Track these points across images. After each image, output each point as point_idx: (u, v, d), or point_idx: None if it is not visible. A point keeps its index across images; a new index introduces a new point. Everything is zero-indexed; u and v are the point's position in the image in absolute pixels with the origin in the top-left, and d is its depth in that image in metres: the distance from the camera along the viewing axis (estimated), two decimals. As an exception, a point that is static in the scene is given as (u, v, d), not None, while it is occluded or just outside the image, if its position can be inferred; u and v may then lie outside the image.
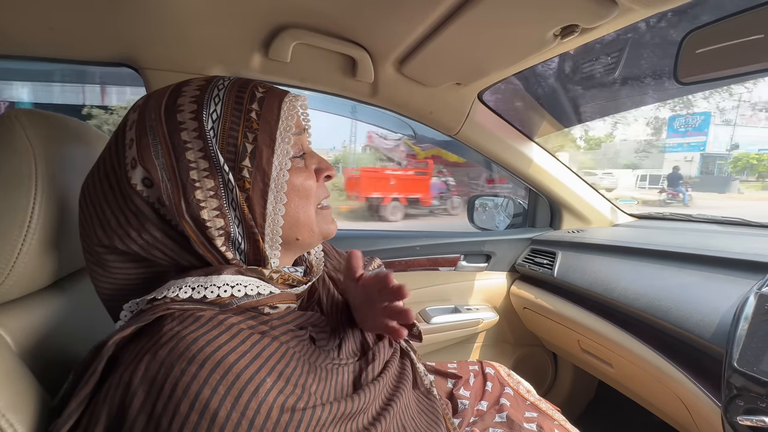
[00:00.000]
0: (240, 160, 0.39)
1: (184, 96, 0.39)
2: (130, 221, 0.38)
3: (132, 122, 0.39)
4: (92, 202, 0.40)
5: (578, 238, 1.19)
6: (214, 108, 0.39)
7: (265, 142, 0.39)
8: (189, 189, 0.37)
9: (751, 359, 0.57)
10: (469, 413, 0.71)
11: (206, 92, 0.39)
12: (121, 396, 0.31)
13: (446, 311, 1.22)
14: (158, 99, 0.40)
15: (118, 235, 0.38)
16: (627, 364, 0.90)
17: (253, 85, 0.42)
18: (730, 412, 0.58)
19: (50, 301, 0.47)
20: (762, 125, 18.64)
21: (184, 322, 0.34)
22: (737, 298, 0.68)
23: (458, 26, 0.67)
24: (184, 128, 0.38)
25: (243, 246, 0.40)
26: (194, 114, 0.38)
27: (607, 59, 1.37)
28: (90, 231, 0.40)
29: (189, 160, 0.38)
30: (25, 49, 0.76)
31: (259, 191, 0.39)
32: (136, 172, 0.38)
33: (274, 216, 0.41)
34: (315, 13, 0.77)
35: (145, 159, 0.37)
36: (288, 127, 0.41)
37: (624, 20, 0.61)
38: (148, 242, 0.39)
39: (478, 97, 1.07)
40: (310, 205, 0.44)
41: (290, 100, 0.42)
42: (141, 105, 0.40)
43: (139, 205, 0.38)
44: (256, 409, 0.32)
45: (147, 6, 0.72)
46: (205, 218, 0.38)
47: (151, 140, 0.38)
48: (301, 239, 0.45)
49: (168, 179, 0.37)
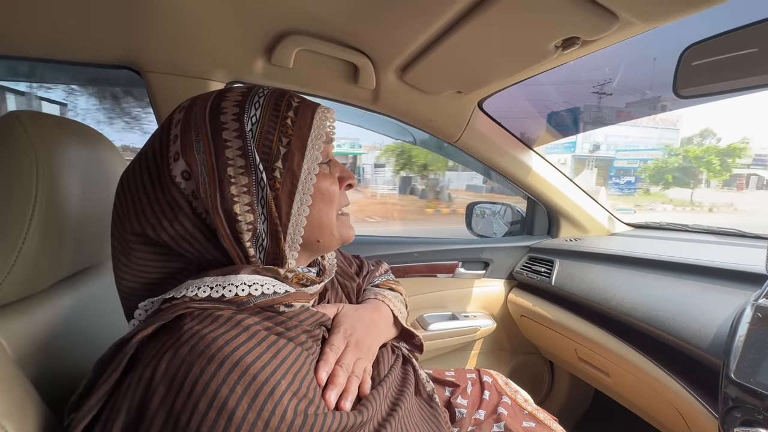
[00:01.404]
0: (273, 161, 0.41)
1: (228, 100, 0.42)
2: (165, 211, 0.40)
3: (177, 121, 0.42)
4: (131, 191, 0.42)
5: (576, 247, 1.19)
6: (254, 112, 0.42)
7: (297, 147, 0.42)
8: (225, 184, 0.40)
9: (747, 370, 0.58)
10: (467, 422, 0.71)
11: (248, 98, 0.43)
12: (143, 391, 0.32)
13: (444, 318, 1.22)
14: (204, 101, 0.43)
15: (151, 224, 0.40)
16: (624, 374, 0.90)
17: (290, 95, 0.45)
18: (727, 423, 0.58)
19: (48, 305, 0.46)
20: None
21: (204, 322, 0.35)
22: (734, 309, 0.69)
23: (460, 36, 0.68)
24: (226, 128, 0.41)
25: (265, 243, 0.42)
26: (236, 116, 0.41)
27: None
28: (124, 218, 0.42)
29: (228, 157, 0.40)
30: (28, 51, 0.76)
31: (287, 191, 0.42)
32: (177, 164, 0.40)
33: (298, 216, 0.43)
34: (318, 19, 0.78)
35: (187, 153, 0.40)
36: (319, 135, 0.44)
37: (624, 34, 0.62)
38: (178, 232, 0.41)
39: (479, 106, 1.08)
40: (332, 209, 0.47)
41: (322, 111, 0.45)
42: (187, 106, 0.44)
43: (175, 196, 0.40)
44: (271, 410, 0.32)
45: (151, 9, 0.72)
46: (237, 212, 0.40)
47: (194, 137, 0.40)
48: (322, 241, 0.47)
49: (206, 173, 0.40)
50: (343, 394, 0.40)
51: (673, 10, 0.53)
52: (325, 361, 0.41)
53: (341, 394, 0.40)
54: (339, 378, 0.41)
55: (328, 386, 0.40)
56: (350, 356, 0.44)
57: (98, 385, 0.34)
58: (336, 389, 0.40)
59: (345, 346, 0.45)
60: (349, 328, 0.48)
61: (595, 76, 17.45)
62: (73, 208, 0.46)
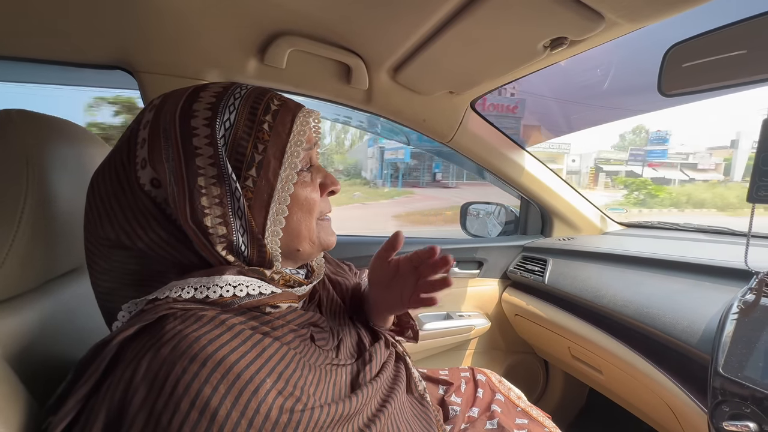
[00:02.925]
0: (246, 169, 0.39)
1: (200, 102, 0.40)
2: (138, 218, 0.39)
3: (146, 122, 0.40)
4: (101, 196, 0.40)
5: (569, 246, 1.20)
6: (228, 116, 0.39)
7: (274, 155, 0.40)
8: (195, 195, 0.38)
9: (735, 365, 0.58)
10: (460, 420, 0.71)
11: (222, 100, 0.40)
12: (122, 393, 0.31)
13: (438, 318, 1.22)
14: (175, 102, 0.40)
15: (124, 231, 0.39)
16: (616, 371, 0.91)
17: (270, 96, 0.42)
18: (715, 417, 0.59)
19: (38, 304, 0.46)
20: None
21: (186, 321, 0.34)
22: (722, 305, 0.70)
23: (450, 36, 0.69)
24: (197, 134, 0.38)
25: (246, 252, 0.41)
26: (208, 121, 0.39)
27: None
28: (96, 224, 0.40)
29: (198, 166, 0.38)
30: (19, 51, 0.76)
31: (262, 202, 0.40)
32: (145, 172, 0.38)
33: (273, 228, 0.41)
34: (311, 20, 0.78)
35: (155, 161, 0.38)
36: (298, 142, 0.41)
37: (611, 34, 0.63)
38: (153, 240, 0.39)
39: (471, 106, 1.09)
40: (311, 218, 0.45)
41: (303, 115, 0.42)
42: (157, 105, 0.41)
43: (146, 204, 0.39)
44: (255, 409, 0.32)
45: (144, 10, 0.73)
46: (208, 225, 0.38)
47: (163, 143, 0.38)
48: (302, 250, 0.46)
49: (175, 183, 0.38)
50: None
51: (657, 10, 0.54)
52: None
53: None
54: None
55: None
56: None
57: (77, 387, 0.32)
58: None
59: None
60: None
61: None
62: (64, 206, 0.46)
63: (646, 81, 10.05)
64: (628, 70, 33.03)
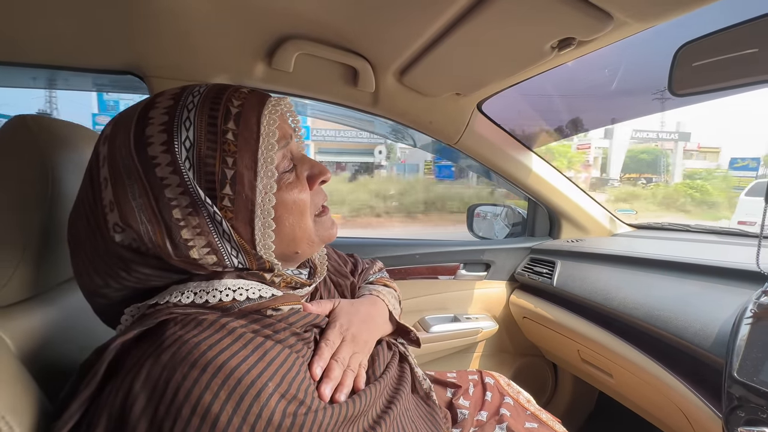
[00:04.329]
0: (220, 188, 0.36)
1: (152, 125, 0.35)
2: (117, 263, 0.37)
3: (103, 158, 0.36)
4: (80, 246, 0.38)
5: (577, 248, 1.19)
6: (186, 135, 0.35)
7: (246, 165, 0.36)
8: (174, 229, 0.35)
9: (750, 369, 0.57)
10: (469, 423, 0.71)
11: (175, 116, 0.35)
12: (122, 400, 0.31)
13: (445, 320, 1.22)
14: (126, 129, 0.36)
15: (110, 276, 0.37)
16: (627, 375, 0.89)
17: (228, 96, 0.37)
18: (730, 423, 0.58)
19: (52, 305, 0.47)
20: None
21: (187, 326, 0.34)
22: (736, 308, 0.68)
23: (457, 37, 0.69)
24: (158, 163, 0.34)
25: (246, 266, 0.40)
26: (165, 146, 0.35)
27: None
28: (84, 274, 0.39)
29: (169, 198, 0.35)
30: (31, 57, 0.78)
31: (244, 219, 0.37)
32: (113, 215, 0.35)
33: (264, 241, 0.39)
34: (318, 24, 0.79)
35: (121, 202, 0.35)
36: (270, 145, 0.37)
37: (620, 34, 0.62)
38: (140, 279, 0.38)
39: (478, 108, 1.08)
40: (305, 218, 0.43)
41: (269, 111, 0.38)
42: (109, 136, 0.37)
43: (120, 252, 0.36)
44: (257, 414, 0.32)
45: (153, 15, 0.74)
46: (196, 257, 0.36)
47: (126, 179, 0.35)
48: (302, 252, 0.44)
49: (148, 221, 0.35)
50: (338, 387, 0.40)
51: (666, 10, 0.53)
52: (320, 355, 0.40)
53: (336, 388, 0.39)
54: (334, 372, 0.40)
55: (323, 380, 0.39)
56: (346, 350, 0.43)
57: (79, 390, 0.32)
58: (331, 383, 0.39)
59: (341, 340, 0.44)
60: (345, 323, 0.46)
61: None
62: None
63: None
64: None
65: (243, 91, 0.39)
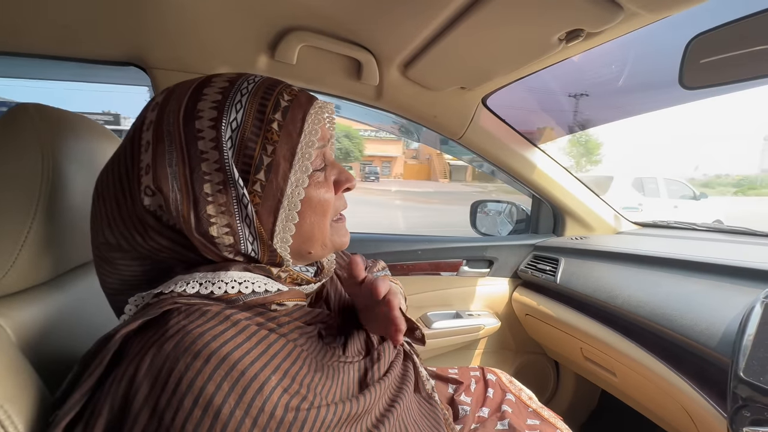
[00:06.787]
0: (255, 173, 0.37)
1: (206, 100, 0.37)
2: (136, 226, 0.38)
3: (150, 123, 0.38)
4: (104, 200, 0.39)
5: (581, 245, 1.18)
6: (235, 116, 0.37)
7: (284, 156, 0.38)
8: (201, 203, 0.36)
9: (757, 369, 0.56)
10: (471, 420, 0.71)
11: (229, 97, 0.37)
12: (125, 389, 0.31)
13: (447, 316, 1.21)
14: (179, 100, 0.38)
15: (124, 237, 0.38)
16: (630, 373, 0.89)
17: (280, 90, 0.39)
18: (735, 423, 0.57)
19: (52, 295, 0.47)
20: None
21: (191, 317, 0.34)
22: (743, 307, 0.67)
23: (463, 30, 0.68)
24: (202, 137, 0.36)
25: (256, 257, 0.40)
26: (213, 122, 0.36)
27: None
28: (98, 227, 0.39)
29: (204, 171, 0.36)
30: (34, 48, 0.77)
31: (270, 207, 0.38)
32: (148, 177, 0.36)
33: (282, 234, 0.40)
34: (321, 16, 0.78)
35: (158, 166, 0.36)
36: (310, 142, 0.39)
37: (629, 25, 0.61)
38: (153, 247, 0.38)
39: (483, 102, 1.07)
40: (325, 219, 0.43)
41: (316, 111, 0.40)
42: (160, 104, 0.38)
43: (144, 215, 0.37)
44: (260, 407, 0.31)
45: (157, 7, 0.73)
46: (214, 234, 0.37)
47: (167, 146, 0.36)
48: (314, 252, 0.44)
49: (179, 189, 0.36)
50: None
51: (678, 0, 0.52)
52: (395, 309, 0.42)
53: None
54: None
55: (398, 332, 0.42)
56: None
57: (81, 380, 0.32)
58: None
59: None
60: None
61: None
62: (77, 200, 0.46)
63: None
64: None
65: (294, 89, 0.41)
